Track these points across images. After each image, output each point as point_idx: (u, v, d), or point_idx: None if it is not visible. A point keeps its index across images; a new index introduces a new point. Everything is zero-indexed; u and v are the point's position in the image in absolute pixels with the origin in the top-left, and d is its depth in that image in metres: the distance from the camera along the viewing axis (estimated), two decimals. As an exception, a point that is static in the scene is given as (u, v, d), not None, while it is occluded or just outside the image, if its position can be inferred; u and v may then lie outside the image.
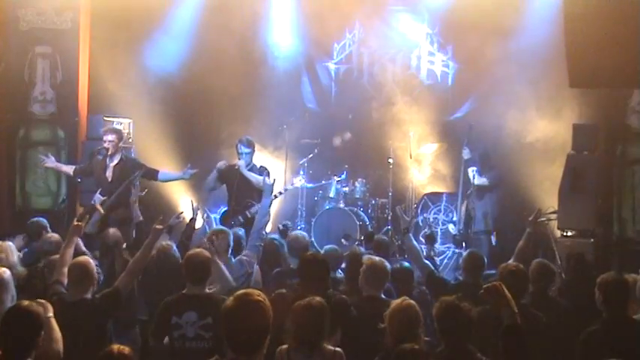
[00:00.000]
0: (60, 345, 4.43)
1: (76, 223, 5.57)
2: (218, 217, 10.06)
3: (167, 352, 5.26)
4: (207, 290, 5.50)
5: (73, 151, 10.76)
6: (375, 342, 4.84)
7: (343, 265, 6.89)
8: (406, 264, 6.77)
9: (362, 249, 7.37)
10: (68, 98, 10.81)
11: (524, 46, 10.56)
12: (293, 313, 4.44)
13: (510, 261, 6.20)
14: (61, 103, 10.79)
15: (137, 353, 5.48)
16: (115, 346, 3.94)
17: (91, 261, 5.54)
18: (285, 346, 4.45)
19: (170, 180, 9.67)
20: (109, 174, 8.99)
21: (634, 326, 5.05)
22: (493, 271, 6.35)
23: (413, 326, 4.51)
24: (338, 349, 4.53)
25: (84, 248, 6.85)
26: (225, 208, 9.49)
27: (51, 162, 9.63)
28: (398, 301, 4.69)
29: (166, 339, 5.31)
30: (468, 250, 7.12)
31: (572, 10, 8.84)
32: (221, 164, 9.22)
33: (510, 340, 3.53)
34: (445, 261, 10.42)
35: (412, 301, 4.67)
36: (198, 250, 5.72)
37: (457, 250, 10.23)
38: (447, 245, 10.73)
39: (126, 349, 3.93)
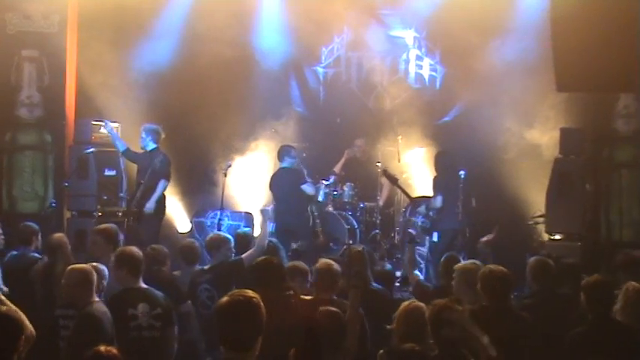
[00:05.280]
0: None
1: None
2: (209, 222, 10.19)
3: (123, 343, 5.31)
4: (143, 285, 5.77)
5: (61, 156, 10.71)
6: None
7: None
8: (388, 266, 7.42)
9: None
10: (55, 102, 10.77)
11: (512, 50, 10.62)
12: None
13: None
14: (48, 106, 10.75)
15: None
16: (103, 347, 3.98)
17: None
18: None
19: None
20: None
21: (619, 328, 5.11)
22: None
23: (420, 328, 4.55)
24: None
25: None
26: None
27: (108, 128, 10.00)
28: (406, 303, 4.78)
29: None
30: (445, 254, 7.05)
31: (559, 13, 8.85)
32: None
33: None
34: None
35: (420, 303, 4.71)
36: (133, 248, 5.94)
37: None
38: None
39: (113, 350, 3.98)
